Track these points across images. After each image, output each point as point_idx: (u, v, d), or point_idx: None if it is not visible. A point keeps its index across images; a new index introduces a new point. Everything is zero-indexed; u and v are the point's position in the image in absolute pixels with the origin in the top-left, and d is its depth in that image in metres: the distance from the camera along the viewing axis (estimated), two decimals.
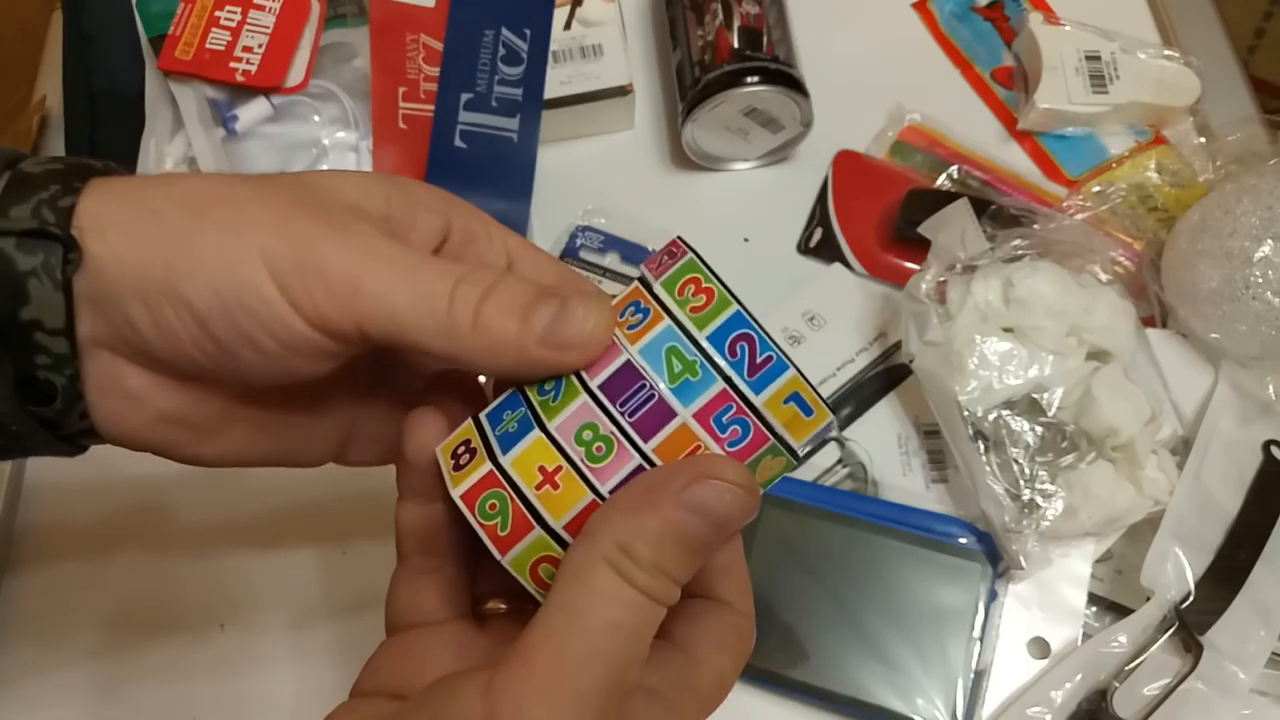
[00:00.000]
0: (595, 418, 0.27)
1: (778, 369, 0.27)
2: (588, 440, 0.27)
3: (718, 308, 0.27)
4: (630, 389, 0.27)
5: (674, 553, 0.25)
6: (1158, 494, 0.46)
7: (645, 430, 0.27)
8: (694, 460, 0.26)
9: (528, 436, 0.27)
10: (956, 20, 0.65)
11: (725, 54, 0.55)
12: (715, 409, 0.27)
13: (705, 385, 0.27)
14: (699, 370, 0.27)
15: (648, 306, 0.28)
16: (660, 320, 0.27)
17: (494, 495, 0.27)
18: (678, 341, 0.27)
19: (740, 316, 0.27)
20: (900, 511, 0.48)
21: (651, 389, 0.27)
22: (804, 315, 0.54)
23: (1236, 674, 0.43)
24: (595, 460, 0.27)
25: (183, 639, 0.48)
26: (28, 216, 0.26)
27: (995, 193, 0.58)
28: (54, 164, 0.27)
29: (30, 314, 0.26)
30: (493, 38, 0.54)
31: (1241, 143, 0.56)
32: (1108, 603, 0.47)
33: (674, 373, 0.27)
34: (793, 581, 0.46)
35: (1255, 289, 0.48)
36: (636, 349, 0.27)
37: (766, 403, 0.27)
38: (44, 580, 0.49)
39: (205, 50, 0.51)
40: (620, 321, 0.28)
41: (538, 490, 0.27)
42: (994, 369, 0.47)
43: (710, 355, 0.27)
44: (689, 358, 0.27)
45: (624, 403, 0.27)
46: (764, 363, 0.27)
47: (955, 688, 0.44)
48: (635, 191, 0.59)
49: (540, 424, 0.28)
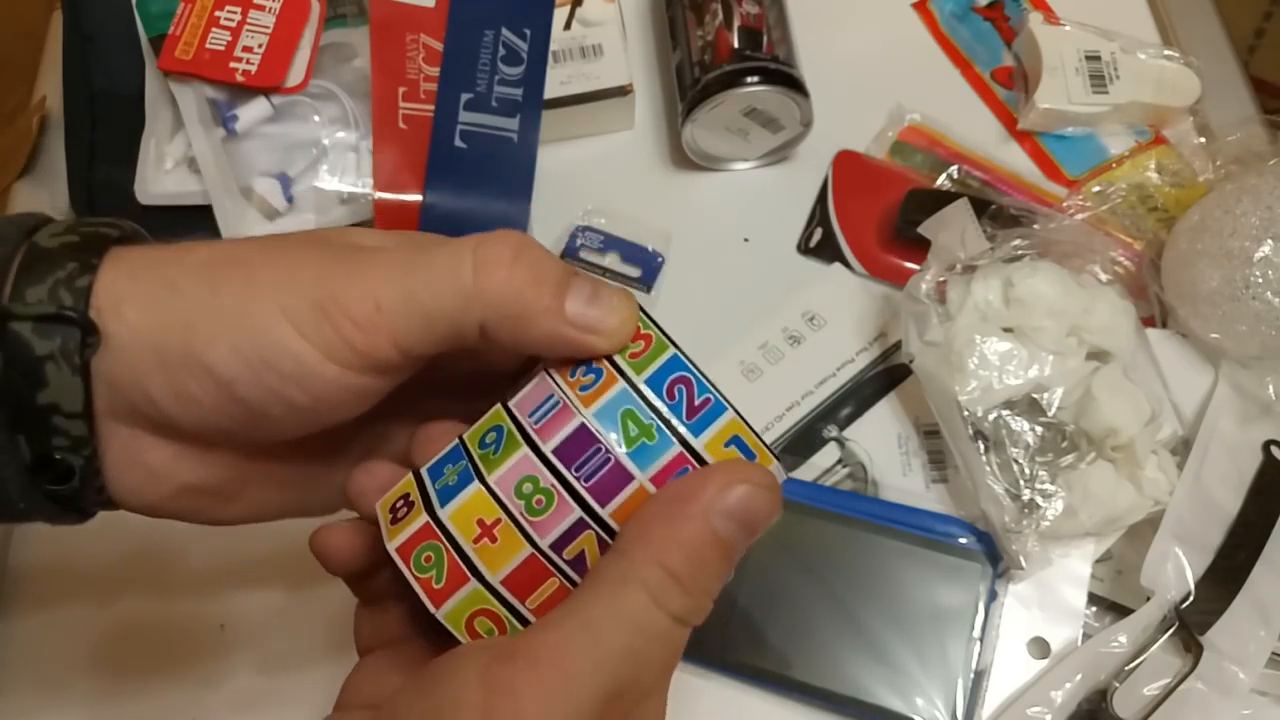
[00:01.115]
0: (536, 470, 0.27)
1: (716, 410, 0.27)
2: (528, 493, 0.27)
3: (655, 352, 0.27)
4: (585, 453, 0.27)
5: (713, 562, 0.25)
6: (1158, 494, 0.46)
7: (602, 495, 0.26)
8: (718, 467, 0.26)
9: (467, 489, 0.27)
10: (956, 20, 0.65)
11: (725, 54, 0.55)
12: (671, 472, 0.26)
13: (662, 449, 0.26)
14: (655, 434, 0.27)
15: (599, 367, 0.28)
16: (614, 383, 0.27)
17: (429, 548, 0.27)
18: (633, 404, 0.27)
19: (677, 360, 0.27)
20: (900, 511, 0.48)
21: (607, 453, 0.26)
22: (804, 315, 0.54)
23: (1236, 674, 0.43)
24: (535, 513, 0.27)
25: (183, 639, 0.48)
26: (45, 299, 0.25)
27: (995, 193, 0.58)
28: (70, 236, 0.27)
29: (48, 398, 0.26)
30: (493, 38, 0.54)
31: (1241, 143, 0.56)
32: (1108, 603, 0.47)
33: (630, 437, 0.27)
34: (793, 581, 0.46)
35: (1255, 289, 0.48)
36: (591, 412, 0.27)
37: (707, 445, 0.27)
38: (43, 579, 0.49)
39: (205, 50, 0.51)
40: (571, 381, 0.28)
41: (475, 544, 0.27)
42: (994, 369, 0.47)
43: (666, 418, 0.27)
44: (645, 421, 0.27)
45: (579, 467, 0.27)
46: (702, 404, 0.27)
47: (955, 688, 0.44)
48: (635, 191, 0.59)
49: (480, 477, 0.27)
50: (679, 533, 0.25)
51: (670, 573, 0.24)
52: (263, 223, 0.52)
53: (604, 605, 0.24)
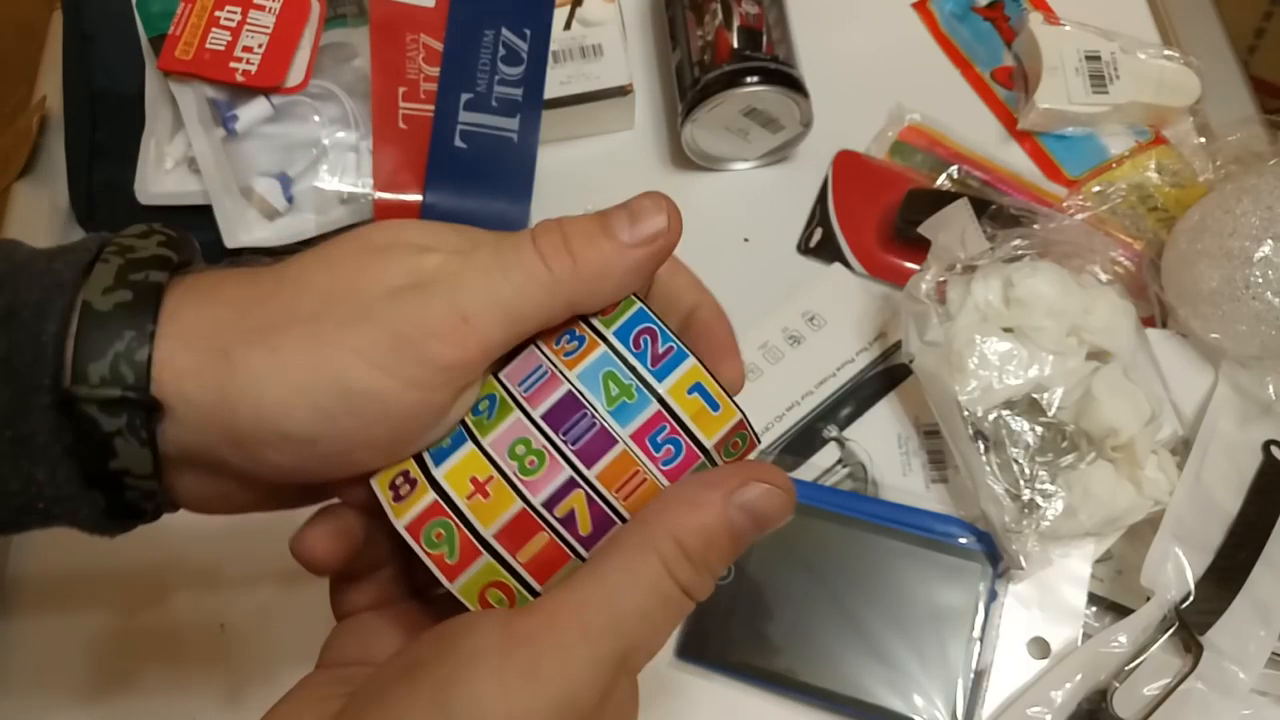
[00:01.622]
0: (528, 433, 0.28)
1: (678, 358, 0.29)
2: (520, 455, 0.28)
3: (623, 308, 0.29)
4: (572, 418, 0.28)
5: (722, 546, 0.27)
6: (1158, 494, 0.46)
7: (588, 457, 0.28)
8: (743, 465, 0.29)
9: (461, 449, 0.28)
10: (956, 20, 0.65)
11: (725, 54, 0.55)
12: (651, 429, 0.28)
13: (641, 407, 0.28)
14: (635, 394, 0.28)
15: (582, 334, 0.29)
16: (596, 347, 0.29)
17: (439, 524, 0.28)
18: (614, 366, 0.29)
19: (643, 312, 0.29)
20: (900, 511, 0.48)
21: (592, 417, 0.28)
22: (804, 315, 0.54)
23: (1236, 674, 0.43)
24: (527, 473, 0.28)
25: (183, 639, 0.48)
26: (108, 376, 0.26)
27: (995, 193, 0.58)
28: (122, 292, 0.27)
29: (119, 465, 0.27)
30: (493, 38, 0.54)
31: (1241, 143, 0.56)
32: (1108, 603, 0.47)
33: (611, 396, 0.28)
34: (793, 581, 0.46)
35: (1255, 289, 0.48)
36: (575, 374, 0.29)
37: (670, 390, 0.28)
38: (44, 578, 0.49)
39: (205, 50, 0.51)
40: (556, 349, 0.29)
41: (468, 500, 0.28)
42: (994, 369, 0.47)
43: (642, 376, 0.28)
44: (625, 382, 0.28)
45: (566, 431, 0.28)
46: (665, 353, 0.29)
47: (955, 688, 0.44)
48: (635, 191, 0.57)
49: (474, 439, 0.29)
50: (698, 514, 0.27)
51: (683, 548, 0.26)
52: (263, 223, 0.52)
53: (622, 568, 0.26)
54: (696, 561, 0.26)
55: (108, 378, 0.26)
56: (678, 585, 0.26)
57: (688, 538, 0.26)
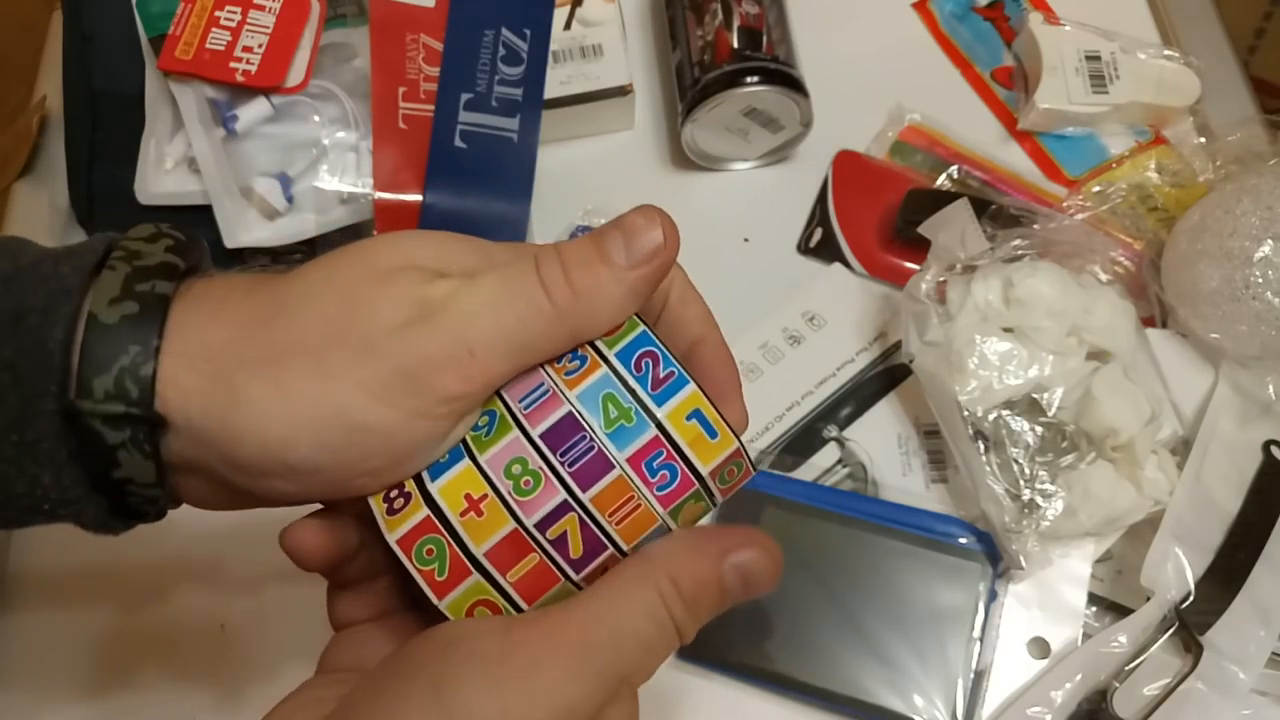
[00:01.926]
0: (525, 452, 0.28)
1: (679, 383, 0.29)
2: (516, 474, 0.28)
3: (626, 330, 0.29)
4: (570, 439, 0.28)
5: (710, 596, 0.28)
6: (1158, 494, 0.46)
7: (584, 480, 0.28)
8: (745, 531, 0.29)
9: (457, 465, 0.28)
10: (956, 20, 0.65)
11: (725, 54, 0.55)
12: (647, 454, 0.28)
13: (639, 431, 0.28)
14: (634, 417, 0.28)
15: (584, 354, 0.29)
16: (598, 367, 0.29)
17: (431, 541, 0.28)
18: (614, 389, 0.29)
19: (646, 335, 0.29)
20: (900, 511, 0.48)
21: (590, 440, 0.28)
22: (804, 315, 0.54)
23: (1236, 674, 0.43)
24: (522, 494, 0.28)
25: (183, 639, 0.48)
26: (112, 390, 0.26)
27: (995, 193, 0.58)
28: (128, 303, 0.27)
29: (122, 474, 0.27)
30: (493, 38, 0.54)
31: (1241, 143, 0.56)
32: (1108, 603, 0.47)
33: (610, 418, 0.28)
34: (793, 581, 0.46)
35: (1255, 289, 0.48)
36: (575, 394, 0.29)
37: (669, 415, 0.28)
38: (44, 576, 0.49)
39: (205, 50, 0.51)
40: (558, 368, 0.29)
41: (462, 517, 0.28)
42: (994, 369, 0.47)
43: (642, 399, 0.28)
44: (624, 405, 0.28)
45: (564, 453, 0.28)
46: (666, 377, 0.29)
47: (955, 688, 0.44)
48: (635, 191, 0.58)
49: (471, 456, 0.28)
50: (696, 561, 0.27)
51: (679, 588, 0.27)
52: (263, 223, 0.52)
53: (624, 594, 0.27)
54: (688, 602, 0.27)
55: (112, 392, 0.26)
56: (671, 619, 0.27)
57: (684, 579, 0.27)
